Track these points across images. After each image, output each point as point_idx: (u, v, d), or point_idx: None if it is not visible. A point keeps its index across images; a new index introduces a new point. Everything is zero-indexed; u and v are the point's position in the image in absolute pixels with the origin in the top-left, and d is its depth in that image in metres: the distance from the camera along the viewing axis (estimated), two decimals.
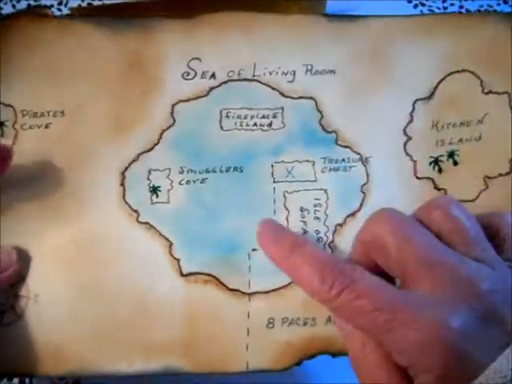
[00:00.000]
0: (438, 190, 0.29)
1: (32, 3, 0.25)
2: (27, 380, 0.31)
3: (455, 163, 0.29)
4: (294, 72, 0.29)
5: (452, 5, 0.40)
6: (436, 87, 0.29)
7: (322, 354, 0.28)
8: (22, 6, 0.32)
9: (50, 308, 0.27)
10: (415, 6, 0.40)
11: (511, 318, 0.21)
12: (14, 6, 0.32)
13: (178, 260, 0.28)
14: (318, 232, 0.29)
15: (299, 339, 0.28)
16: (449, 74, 0.29)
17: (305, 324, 0.28)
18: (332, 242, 0.28)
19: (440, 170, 0.29)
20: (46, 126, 0.27)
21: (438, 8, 0.39)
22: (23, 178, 0.27)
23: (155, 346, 0.27)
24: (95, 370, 0.27)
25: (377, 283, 0.23)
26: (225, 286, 0.28)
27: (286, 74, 0.29)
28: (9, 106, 0.26)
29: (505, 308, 0.21)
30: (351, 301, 0.22)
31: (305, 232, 0.28)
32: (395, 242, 0.23)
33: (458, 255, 0.23)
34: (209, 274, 0.28)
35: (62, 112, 0.27)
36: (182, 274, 0.28)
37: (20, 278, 0.27)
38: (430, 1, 0.39)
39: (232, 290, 0.28)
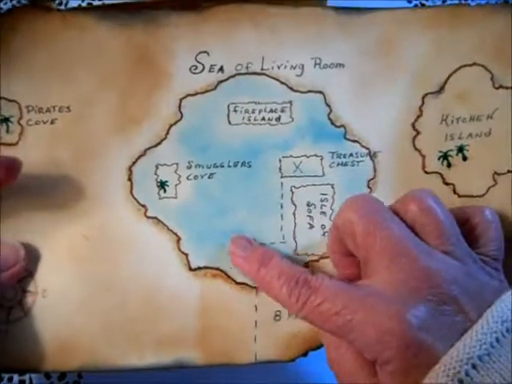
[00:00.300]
0: (447, 184, 0.29)
1: (27, 2, 0.25)
2: (27, 380, 0.32)
3: (464, 158, 0.29)
4: (303, 66, 0.28)
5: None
6: (446, 81, 0.28)
7: None
8: (20, 4, 0.31)
9: (59, 303, 0.27)
10: (415, 6, 0.38)
11: (470, 306, 0.22)
12: (13, 6, 0.31)
13: (187, 254, 0.28)
14: (324, 227, 0.29)
15: (305, 331, 0.28)
16: (459, 68, 0.28)
17: None
18: None
19: (449, 165, 0.29)
20: (52, 122, 0.27)
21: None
22: (30, 175, 0.27)
23: (165, 339, 0.28)
24: (106, 364, 0.27)
25: (336, 286, 0.24)
26: (233, 279, 0.28)
27: (294, 68, 0.28)
28: (14, 101, 0.26)
29: (465, 298, 0.22)
30: (315, 308, 0.24)
31: (311, 227, 0.29)
32: (362, 229, 0.24)
33: (424, 247, 0.24)
34: (217, 268, 0.28)
35: (68, 107, 0.27)
36: (190, 269, 0.28)
37: (27, 273, 0.27)
38: (429, 1, 0.38)
39: (240, 283, 0.28)
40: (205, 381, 0.30)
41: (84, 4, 0.36)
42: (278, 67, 0.28)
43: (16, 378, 0.32)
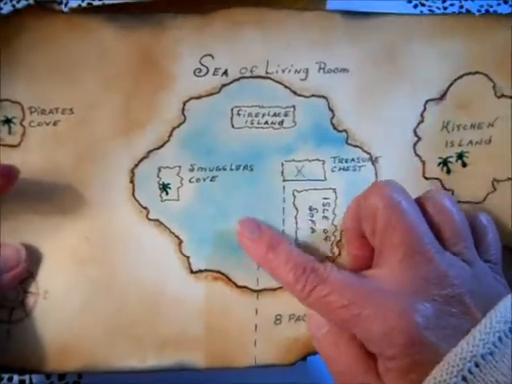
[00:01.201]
0: (446, 190, 0.29)
1: (32, 3, 0.24)
2: (27, 380, 0.32)
3: (464, 165, 0.29)
4: (307, 70, 0.28)
5: (452, 5, 0.39)
6: (448, 88, 0.29)
7: None
8: (22, 5, 0.30)
9: (60, 305, 0.27)
10: (415, 6, 0.39)
11: (476, 309, 0.22)
12: (13, 6, 0.31)
13: (188, 257, 0.28)
14: (326, 231, 0.29)
15: (305, 335, 0.29)
16: (462, 76, 0.29)
17: None
18: (339, 241, 0.29)
19: (448, 171, 0.29)
20: (55, 124, 0.26)
21: (438, 8, 0.38)
22: (31, 176, 0.26)
23: (166, 341, 0.28)
24: (107, 366, 0.27)
25: (345, 278, 0.24)
26: (234, 283, 0.28)
27: (298, 72, 0.28)
28: (16, 102, 0.26)
29: (472, 301, 0.23)
30: (322, 298, 0.24)
31: (313, 231, 0.29)
32: (384, 219, 0.24)
33: (439, 247, 0.24)
34: (218, 271, 0.28)
35: (71, 109, 0.26)
36: (191, 271, 0.28)
37: (29, 274, 0.27)
38: (429, 1, 0.38)
39: (241, 287, 0.28)
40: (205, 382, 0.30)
41: (84, 4, 0.36)
42: (283, 71, 0.28)
43: (16, 377, 0.32)
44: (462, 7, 0.39)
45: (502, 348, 0.21)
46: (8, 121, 0.26)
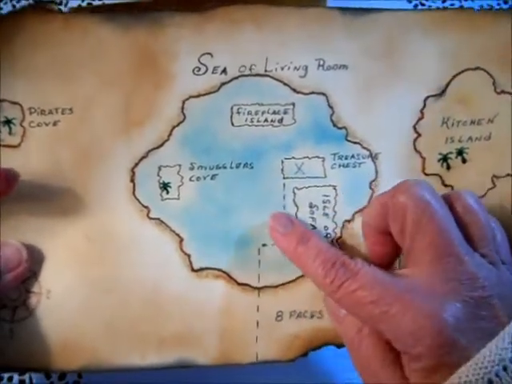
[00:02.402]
0: (446, 186, 0.29)
1: (32, 2, 0.24)
2: (27, 380, 0.32)
3: (464, 161, 0.29)
4: (306, 67, 0.28)
5: (452, 5, 0.39)
6: (448, 84, 0.29)
7: (328, 345, 0.29)
8: (22, 5, 0.30)
9: (63, 304, 0.27)
10: (415, 6, 0.38)
11: (503, 312, 0.22)
12: (14, 6, 0.31)
13: (189, 255, 0.28)
14: (326, 228, 0.29)
15: (306, 331, 0.29)
16: (462, 72, 0.28)
17: (312, 317, 0.29)
18: (340, 237, 0.29)
19: (448, 167, 0.29)
20: (55, 124, 0.26)
21: (438, 8, 0.38)
22: (32, 176, 0.26)
23: (168, 339, 0.28)
24: (108, 364, 0.27)
25: (374, 275, 0.24)
26: (235, 280, 0.29)
27: (297, 69, 0.28)
28: (16, 103, 0.26)
29: (500, 304, 0.22)
30: (351, 293, 0.24)
31: (313, 228, 0.29)
32: (414, 219, 0.24)
33: (468, 249, 0.24)
34: (219, 269, 0.28)
35: (71, 109, 0.26)
36: (192, 270, 0.28)
37: (31, 274, 0.27)
38: (429, 1, 0.38)
39: (242, 284, 0.29)
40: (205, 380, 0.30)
41: (84, 4, 0.35)
42: (282, 68, 0.28)
43: (16, 377, 0.32)
44: (461, 7, 0.38)
45: None
46: (8, 121, 0.26)
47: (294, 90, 0.28)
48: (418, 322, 0.22)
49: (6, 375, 0.31)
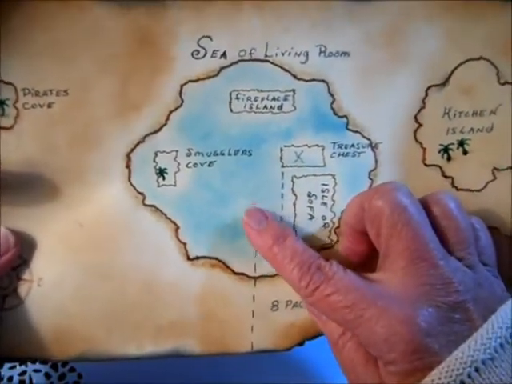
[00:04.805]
0: (446, 177, 0.29)
1: None
2: (27, 379, 0.31)
3: (465, 152, 0.29)
4: (307, 53, 0.27)
5: None
6: (451, 74, 0.28)
7: (323, 334, 0.29)
8: None
9: (55, 291, 0.27)
10: None
11: (477, 315, 0.22)
12: None
13: (185, 244, 0.28)
14: (324, 218, 0.29)
15: (302, 321, 0.29)
16: (465, 61, 0.28)
17: None
18: (338, 227, 0.29)
19: (449, 159, 0.29)
20: (49, 106, 0.25)
21: None
22: (24, 159, 0.26)
23: (163, 328, 0.28)
24: (104, 353, 0.27)
25: (349, 279, 0.24)
26: (231, 269, 0.28)
27: (298, 55, 0.27)
28: (10, 83, 0.25)
29: (474, 307, 0.22)
30: (325, 297, 0.24)
31: (311, 217, 0.28)
32: (389, 224, 0.24)
33: (444, 253, 0.24)
34: (215, 258, 0.28)
35: (66, 91, 0.25)
36: (188, 258, 0.28)
37: (22, 261, 0.27)
38: None
39: (238, 273, 0.28)
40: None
41: None
42: (283, 54, 0.27)
43: (16, 377, 0.31)
44: None
45: (503, 354, 0.21)
46: (1, 103, 0.25)
47: (295, 77, 0.28)
48: (392, 328, 0.22)
49: (6, 375, 0.31)
